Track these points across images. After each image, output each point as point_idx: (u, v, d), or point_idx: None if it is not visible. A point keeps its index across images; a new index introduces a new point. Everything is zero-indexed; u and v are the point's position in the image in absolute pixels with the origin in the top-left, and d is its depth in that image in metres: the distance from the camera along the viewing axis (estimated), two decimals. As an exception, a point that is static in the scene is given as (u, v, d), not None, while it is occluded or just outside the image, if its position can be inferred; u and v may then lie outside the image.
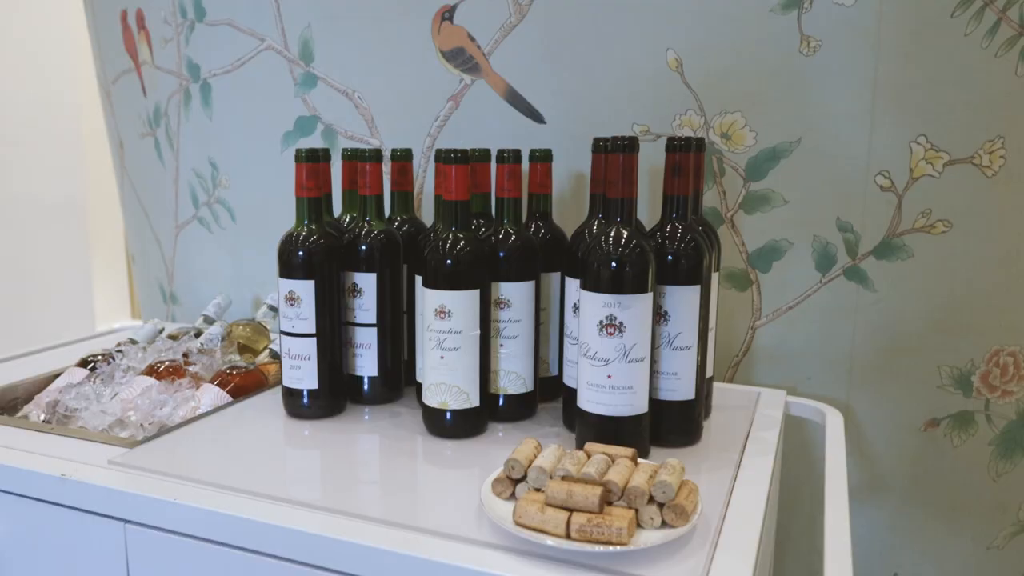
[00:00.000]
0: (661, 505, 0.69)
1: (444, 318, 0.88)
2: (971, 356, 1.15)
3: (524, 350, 0.95)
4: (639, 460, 0.76)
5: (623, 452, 0.75)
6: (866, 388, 1.18)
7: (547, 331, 1.01)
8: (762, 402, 1.05)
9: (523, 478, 0.74)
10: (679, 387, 0.88)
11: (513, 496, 0.74)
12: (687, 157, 0.87)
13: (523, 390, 0.96)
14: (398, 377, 1.05)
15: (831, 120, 1.10)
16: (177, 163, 1.55)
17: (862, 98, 1.09)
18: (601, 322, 0.81)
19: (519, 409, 0.97)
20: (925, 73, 1.08)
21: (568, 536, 0.67)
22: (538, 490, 0.72)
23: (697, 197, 0.91)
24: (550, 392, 1.03)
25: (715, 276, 0.96)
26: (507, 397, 0.96)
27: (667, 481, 0.69)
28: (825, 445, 0.92)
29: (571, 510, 0.68)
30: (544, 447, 0.77)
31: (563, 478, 0.71)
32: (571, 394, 0.93)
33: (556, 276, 1.01)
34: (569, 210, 1.19)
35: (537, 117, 1.19)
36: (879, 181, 1.11)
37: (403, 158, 1.06)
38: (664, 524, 0.69)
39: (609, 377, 0.82)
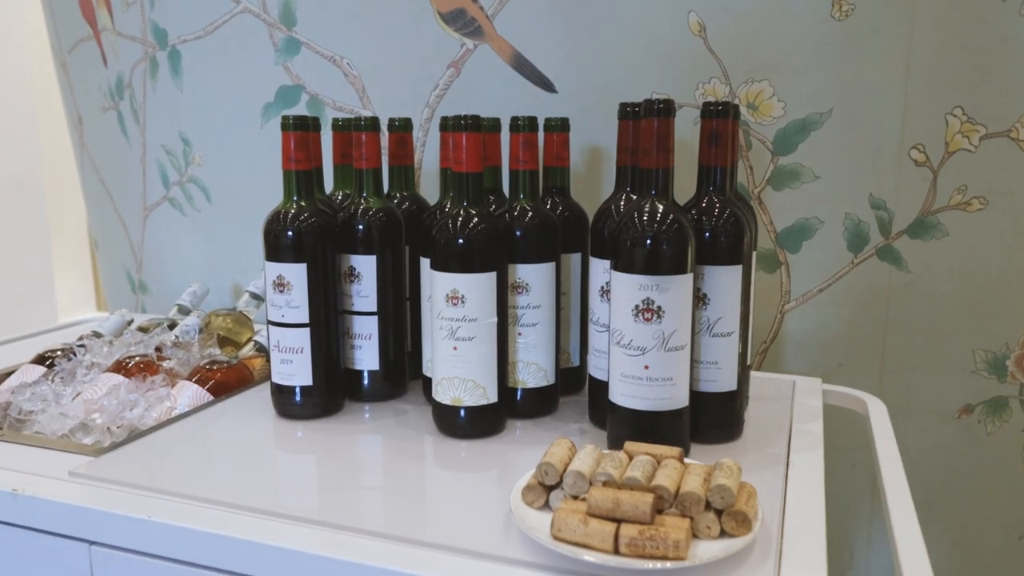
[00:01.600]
0: (719, 512, 0.60)
1: (457, 304, 0.79)
2: (1005, 339, 1.09)
3: (545, 339, 0.86)
4: (685, 460, 0.67)
5: (669, 452, 0.66)
6: (898, 374, 1.11)
7: (568, 317, 0.92)
8: (798, 391, 0.97)
9: (557, 484, 0.64)
10: (719, 377, 0.79)
11: (547, 505, 0.65)
12: (725, 124, 0.78)
13: (544, 383, 0.87)
14: (402, 371, 0.95)
15: (864, 90, 1.02)
16: (144, 139, 1.43)
17: (896, 66, 1.01)
18: (637, 307, 0.72)
19: (540, 404, 0.88)
20: (962, 41, 1.00)
21: (616, 551, 0.58)
22: (575, 498, 0.63)
23: (732, 170, 0.82)
24: (571, 385, 0.94)
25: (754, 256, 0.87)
26: (526, 391, 0.86)
27: (725, 485, 0.60)
28: (874, 438, 0.84)
29: (618, 521, 0.59)
30: (578, 448, 0.68)
31: (605, 484, 0.62)
32: (599, 387, 0.84)
33: (576, 257, 0.92)
34: (583, 187, 1.10)
35: (547, 85, 1.09)
36: (913, 155, 1.04)
37: (402, 128, 0.96)
38: (723, 533, 0.60)
39: (646, 368, 0.73)
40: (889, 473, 0.76)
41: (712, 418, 0.80)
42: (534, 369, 0.86)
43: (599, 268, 0.82)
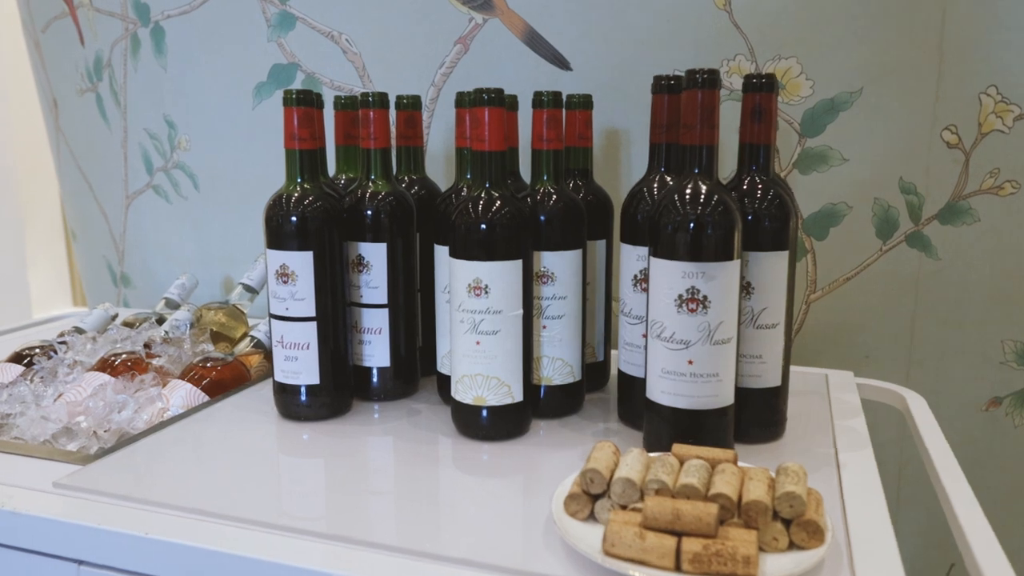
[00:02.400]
0: (786, 522, 0.55)
1: (480, 295, 0.72)
2: (1036, 330, 1.05)
3: (571, 332, 0.80)
4: (740, 464, 0.61)
5: (722, 455, 0.61)
6: (925, 366, 1.06)
7: (593, 309, 0.86)
8: (832, 385, 0.92)
9: (604, 493, 0.59)
10: (763, 372, 0.74)
11: (591, 516, 0.59)
12: (769, 98, 0.72)
13: (570, 380, 0.81)
14: (413, 368, 0.89)
15: (895, 68, 0.97)
16: (125, 123, 1.35)
17: (929, 43, 0.96)
18: (680, 296, 0.66)
19: (565, 402, 0.82)
20: (996, 16, 0.95)
21: (678, 568, 0.52)
22: (624, 507, 0.57)
23: (772, 149, 0.76)
24: (595, 381, 0.88)
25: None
26: (550, 389, 0.80)
27: (795, 492, 0.54)
28: (920, 435, 0.79)
29: (679, 534, 0.53)
30: (622, 451, 0.62)
31: (658, 492, 0.56)
32: (630, 383, 0.79)
33: (601, 245, 0.86)
34: (601, 170, 1.04)
35: (562, 63, 1.03)
36: (945, 137, 0.99)
37: (411, 106, 0.89)
38: (792, 546, 0.55)
39: (690, 363, 0.67)
40: (946, 471, 0.71)
41: (755, 416, 0.74)
42: (559, 365, 0.80)
43: (632, 255, 0.76)
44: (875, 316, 1.05)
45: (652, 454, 0.62)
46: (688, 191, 0.67)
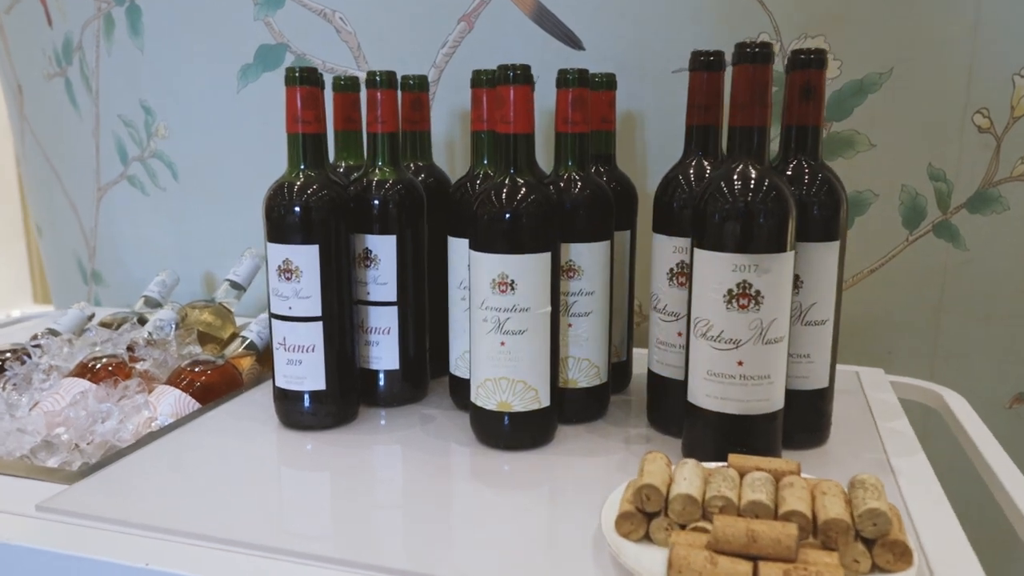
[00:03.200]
0: (868, 542, 0.49)
1: (506, 292, 0.66)
2: (1063, 323, 1.01)
3: (599, 331, 0.74)
4: (804, 475, 0.56)
5: (785, 466, 0.55)
6: (949, 361, 1.02)
7: (620, 306, 0.80)
8: (865, 384, 0.87)
9: (661, 511, 0.53)
10: (811, 373, 0.69)
11: (646, 537, 0.53)
12: (819, 75, 0.67)
13: (596, 382, 0.75)
14: (423, 370, 0.82)
15: (927, 47, 0.92)
16: (97, 109, 1.26)
17: (963, 20, 0.91)
18: (731, 291, 0.61)
19: (590, 406, 0.76)
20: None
21: (753, 597, 0.46)
22: (683, 527, 0.52)
23: (820, 131, 0.71)
24: (617, 382, 0.82)
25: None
26: (575, 392, 0.74)
27: (878, 509, 0.49)
28: (969, 435, 0.74)
29: (755, 559, 0.47)
30: (673, 463, 0.57)
31: (721, 510, 0.51)
32: (663, 385, 0.73)
33: (625, 236, 0.80)
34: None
35: (573, 41, 0.96)
36: (977, 120, 0.94)
37: (417, 87, 0.83)
38: (875, 568, 0.49)
39: (740, 364, 0.62)
40: (1003, 471, 0.66)
41: (800, 420, 0.69)
42: (586, 366, 0.74)
43: (667, 247, 0.71)
44: (899, 310, 1.01)
45: (708, 465, 0.57)
46: (737, 176, 0.61)
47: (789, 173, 0.67)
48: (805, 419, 0.70)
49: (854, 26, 0.91)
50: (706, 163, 0.71)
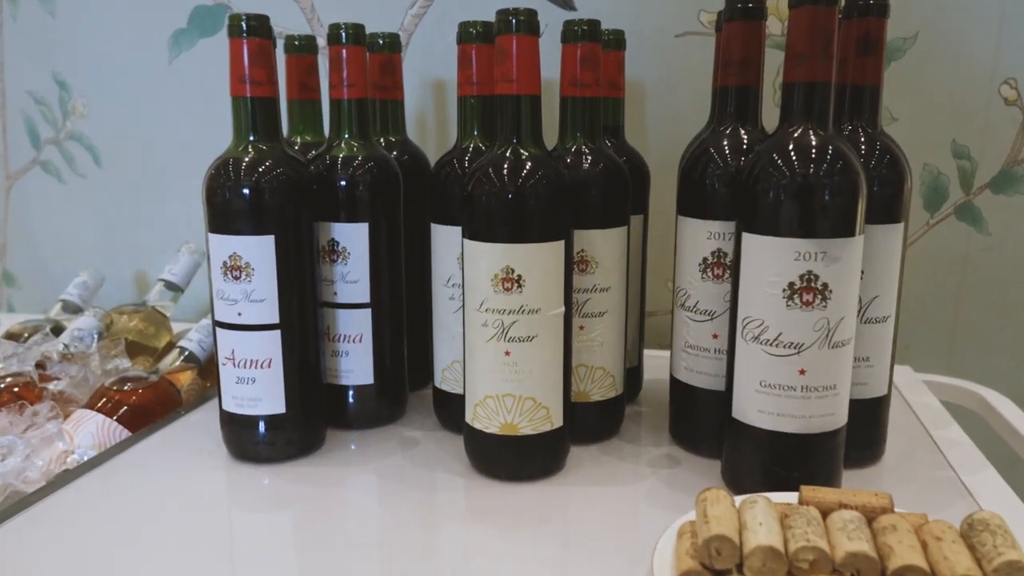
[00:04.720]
0: (1000, 602, 0.39)
1: (512, 290, 0.54)
2: (1085, 314, 0.94)
3: (614, 334, 0.62)
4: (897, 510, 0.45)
5: (874, 500, 0.44)
6: (965, 354, 0.95)
7: (633, 304, 0.68)
8: (899, 384, 0.78)
9: (735, 567, 0.41)
10: (870, 379, 0.58)
11: (714, 600, 0.42)
12: (881, 24, 0.56)
13: (611, 394, 0.63)
14: (401, 384, 0.69)
15: (956, 7, 0.83)
16: (3, 85, 1.09)
17: (991, -19, 0.83)
18: (792, 285, 0.50)
19: (603, 423, 0.64)
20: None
21: None
22: (762, 587, 0.40)
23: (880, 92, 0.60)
24: (628, 392, 0.71)
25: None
26: (586, 406, 0.63)
27: (1016, 561, 0.38)
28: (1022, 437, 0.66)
29: (869, 634, 0.36)
30: (734, 499, 0.45)
31: (812, 564, 0.40)
32: (692, 396, 0.62)
33: (637, 221, 0.69)
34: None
35: (563, 1, 0.84)
36: (1004, 92, 0.86)
37: (388, 48, 0.70)
38: (1009, 636, 0.39)
39: (802, 373, 0.51)
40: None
41: (856, 435, 0.58)
42: (600, 376, 0.63)
43: (699, 232, 0.59)
44: (917, 300, 0.92)
45: (778, 501, 0.46)
46: (795, 145, 0.50)
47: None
48: (863, 433, 0.59)
49: (877, -16, 0.82)
50: (743, 132, 0.59)
